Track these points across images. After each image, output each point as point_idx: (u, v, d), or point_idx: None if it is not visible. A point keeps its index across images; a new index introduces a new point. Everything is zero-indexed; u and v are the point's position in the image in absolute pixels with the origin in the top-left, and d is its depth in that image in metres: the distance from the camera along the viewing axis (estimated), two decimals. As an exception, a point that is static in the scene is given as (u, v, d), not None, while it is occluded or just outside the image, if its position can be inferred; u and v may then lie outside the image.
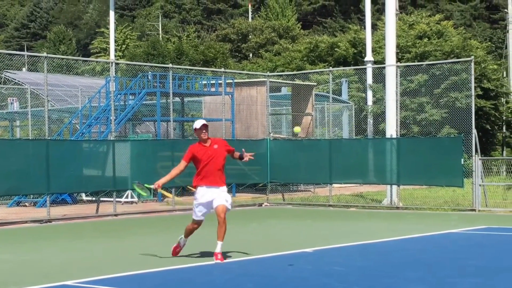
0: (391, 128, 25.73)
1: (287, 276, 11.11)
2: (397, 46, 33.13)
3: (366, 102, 39.60)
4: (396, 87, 25.69)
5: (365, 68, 38.89)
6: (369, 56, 39.46)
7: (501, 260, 12.76)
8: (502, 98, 47.90)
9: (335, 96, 37.01)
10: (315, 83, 35.61)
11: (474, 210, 23.06)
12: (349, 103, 39.36)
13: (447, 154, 23.60)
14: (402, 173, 24.58)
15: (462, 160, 23.32)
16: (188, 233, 13.00)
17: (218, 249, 12.44)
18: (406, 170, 24.55)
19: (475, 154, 23.45)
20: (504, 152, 49.41)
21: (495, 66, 48.47)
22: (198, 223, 12.81)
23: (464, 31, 54.40)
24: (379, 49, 46.13)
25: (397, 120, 25.57)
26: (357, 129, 38.09)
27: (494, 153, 49.80)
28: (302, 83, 34.84)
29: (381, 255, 13.63)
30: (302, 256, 13.35)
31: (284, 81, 35.70)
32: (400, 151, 24.59)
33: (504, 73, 52.18)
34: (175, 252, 13.16)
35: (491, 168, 28.82)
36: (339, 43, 55.54)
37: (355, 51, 53.94)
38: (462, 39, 48.44)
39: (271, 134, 29.70)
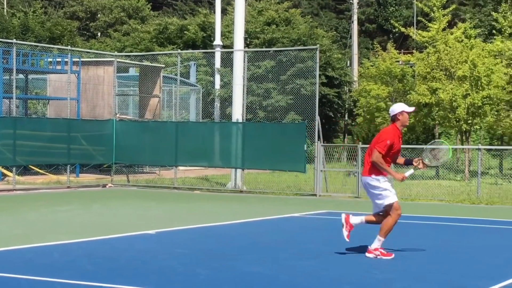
0: (237, 113, 26.03)
1: (128, 258, 11.07)
2: (246, 32, 33.47)
3: (214, 86, 39.79)
4: (244, 72, 25.98)
5: (214, 52, 39.07)
6: (218, 40, 39.57)
7: (338, 243, 13.15)
8: (345, 87, 49.27)
9: (183, 79, 37.00)
10: (163, 65, 35.48)
11: (315, 195, 23.67)
12: (197, 86, 39.45)
13: (291, 140, 24.08)
14: (247, 157, 24.92)
15: (305, 146, 23.86)
16: (391, 229, 11.31)
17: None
18: (251, 154, 24.91)
19: (318, 140, 24.06)
20: (346, 139, 50.90)
21: (340, 55, 49.79)
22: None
23: (311, 20, 55.50)
24: (228, 33, 46.41)
25: (243, 104, 25.88)
26: (204, 113, 38.26)
27: (336, 140, 51.22)
28: (150, 64, 34.65)
29: (224, 237, 13.78)
30: (144, 238, 13.33)
31: (132, 62, 35.39)
32: (245, 136, 24.91)
33: (348, 62, 53.67)
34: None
35: (332, 155, 29.62)
36: (188, 26, 55.49)
37: (205, 34, 54.04)
38: (309, 28, 49.44)
39: (117, 115, 29.40)
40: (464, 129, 32.07)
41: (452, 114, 31.82)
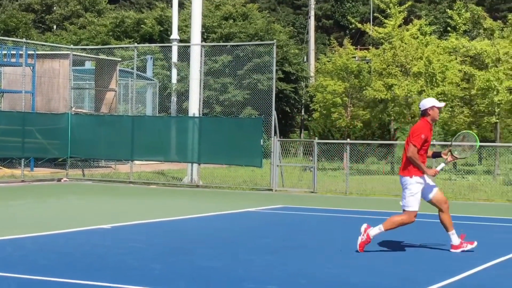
0: (194, 107, 25.99)
1: (83, 252, 10.99)
2: (203, 26, 33.41)
3: (171, 80, 39.69)
4: (201, 67, 25.96)
5: (171, 46, 38.97)
6: (175, 35, 39.50)
7: (294, 238, 13.22)
8: (302, 82, 49.42)
9: (139, 73, 36.84)
10: (120, 59, 35.28)
11: (271, 189, 23.72)
12: (154, 80, 39.29)
13: (248, 135, 24.10)
14: (203, 151, 24.88)
15: (262, 141, 23.89)
16: (395, 227, 11.42)
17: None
18: (207, 149, 24.88)
19: (274, 135, 24.10)
20: (302, 135, 51.05)
21: (297, 51, 49.93)
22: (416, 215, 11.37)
23: (268, 15, 55.53)
24: (185, 28, 46.27)
25: (200, 99, 25.85)
26: (161, 107, 38.12)
27: (293, 135, 51.37)
28: (106, 58, 34.41)
29: (180, 232, 13.76)
30: (99, 232, 13.24)
31: (88, 55, 35.12)
32: (202, 130, 24.87)
33: (305, 58, 53.82)
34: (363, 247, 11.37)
35: (289, 150, 29.75)
36: (145, 20, 55.22)
37: (162, 28, 53.84)
38: (266, 23, 49.48)
39: (73, 109, 29.17)
40: (419, 125, 32.31)
41: (408, 110, 32.10)
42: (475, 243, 11.55)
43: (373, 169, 30.67)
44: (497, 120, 31.10)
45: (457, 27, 36.76)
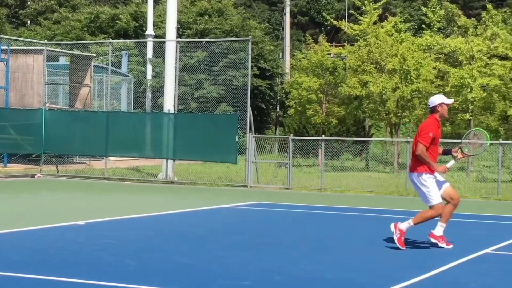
0: (169, 103, 25.95)
1: (58, 248, 10.95)
2: (178, 22, 33.37)
3: (146, 76, 39.57)
4: (176, 63, 25.91)
5: (146, 42, 38.86)
6: (150, 30, 39.39)
7: (268, 234, 13.24)
8: (277, 79, 49.42)
9: (114, 68, 36.69)
10: (94, 55, 35.12)
11: (246, 186, 23.74)
12: (128, 76, 39.15)
13: (223, 131, 24.09)
14: (178, 148, 24.86)
15: (237, 137, 23.89)
16: (424, 221, 11.51)
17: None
18: (182, 145, 24.87)
19: (249, 131, 24.11)
20: (277, 131, 51.09)
21: (272, 47, 49.91)
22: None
23: (243, 11, 55.49)
24: (160, 23, 46.14)
25: (175, 95, 25.82)
26: (136, 103, 38.00)
27: (268, 131, 51.38)
28: (81, 53, 34.25)
29: (154, 228, 13.73)
30: (73, 228, 13.19)
31: (62, 51, 34.94)
32: (177, 126, 24.84)
33: (280, 54, 53.84)
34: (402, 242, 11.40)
35: (264, 146, 29.75)
36: (120, 15, 54.99)
37: (137, 24, 53.64)
38: (242, 19, 49.44)
39: (47, 104, 29.02)
40: (394, 122, 32.51)
41: (382, 107, 32.21)
42: (451, 246, 11.64)
43: (348, 166, 30.75)
44: (471, 117, 31.28)
45: (432, 24, 36.90)
